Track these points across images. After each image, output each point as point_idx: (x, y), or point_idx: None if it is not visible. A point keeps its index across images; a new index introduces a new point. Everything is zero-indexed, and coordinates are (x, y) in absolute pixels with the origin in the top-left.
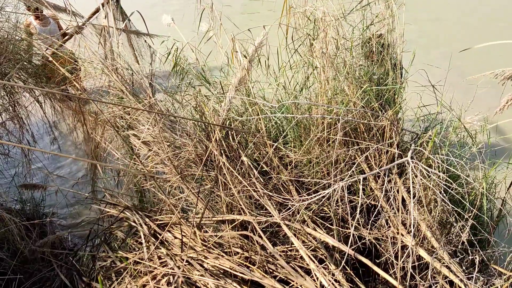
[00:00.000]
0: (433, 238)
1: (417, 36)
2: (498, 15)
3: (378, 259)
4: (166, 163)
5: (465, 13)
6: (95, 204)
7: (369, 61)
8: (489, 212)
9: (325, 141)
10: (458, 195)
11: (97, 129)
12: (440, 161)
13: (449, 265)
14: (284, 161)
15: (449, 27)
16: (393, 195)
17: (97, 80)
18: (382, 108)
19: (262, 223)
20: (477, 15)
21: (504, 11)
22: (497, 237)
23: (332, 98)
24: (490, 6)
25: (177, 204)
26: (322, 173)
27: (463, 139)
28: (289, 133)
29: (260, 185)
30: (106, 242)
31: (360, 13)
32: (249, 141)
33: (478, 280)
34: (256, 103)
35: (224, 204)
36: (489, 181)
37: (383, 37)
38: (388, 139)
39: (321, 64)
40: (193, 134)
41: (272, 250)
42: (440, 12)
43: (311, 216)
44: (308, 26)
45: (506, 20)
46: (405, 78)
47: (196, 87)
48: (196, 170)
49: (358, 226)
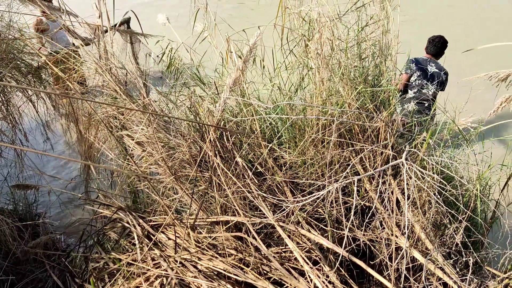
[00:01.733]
0: (427, 240)
1: (416, 38)
2: (495, 16)
3: (372, 261)
4: (160, 163)
5: (464, 14)
6: (88, 205)
7: (364, 62)
8: (483, 214)
9: (319, 142)
10: (452, 196)
11: (91, 129)
12: (435, 163)
13: (443, 266)
14: (279, 162)
15: (448, 28)
16: (387, 197)
17: (92, 80)
18: (377, 110)
19: (256, 225)
20: (475, 16)
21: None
22: (491, 239)
23: (327, 99)
24: (488, 7)
25: (171, 205)
26: (317, 174)
27: (457, 140)
28: (284, 134)
29: (255, 186)
30: (99, 243)
31: (356, 14)
32: (244, 142)
33: (472, 282)
34: (250, 104)
35: (218, 205)
36: (483, 182)
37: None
38: (382, 141)
39: (316, 65)
40: (188, 135)
41: (266, 252)
42: (438, 13)
43: (306, 218)
44: (303, 27)
45: (502, 21)
46: (400, 79)
47: (191, 87)
48: (190, 171)
49: (352, 227)
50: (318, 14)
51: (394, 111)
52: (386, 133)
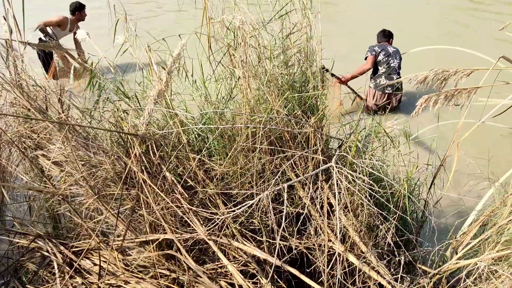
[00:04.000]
0: (361, 243)
1: (339, 45)
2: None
3: (310, 269)
4: (81, 183)
5: (390, 19)
6: (2, 235)
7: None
8: (414, 214)
9: (250, 151)
10: (384, 198)
11: (1, 152)
12: (364, 165)
13: (377, 268)
14: (210, 174)
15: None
16: (320, 202)
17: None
18: (305, 116)
19: (189, 241)
20: (402, 22)
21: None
22: (424, 237)
23: (254, 107)
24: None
25: (95, 227)
26: (250, 184)
27: (385, 143)
28: (214, 144)
29: (185, 201)
30: (17, 277)
31: (279, 22)
32: (171, 154)
33: (405, 280)
34: (176, 114)
35: (147, 223)
36: (411, 183)
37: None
38: (313, 146)
39: (242, 73)
40: (110, 151)
41: (195, 268)
42: (367, 20)
43: (240, 230)
44: (228, 36)
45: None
46: (326, 85)
47: (115, 102)
48: (115, 189)
49: (288, 236)
50: (241, 21)
51: (369, 87)
52: (316, 138)
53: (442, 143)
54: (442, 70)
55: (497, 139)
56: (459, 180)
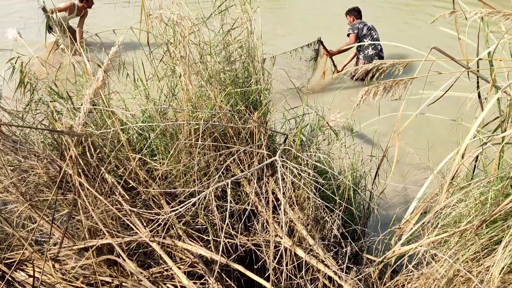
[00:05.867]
0: (309, 236)
1: (286, 41)
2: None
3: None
4: (11, 190)
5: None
6: None
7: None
8: (361, 205)
9: (194, 148)
10: (329, 190)
11: None
12: (308, 158)
13: (324, 260)
14: (153, 174)
15: (318, 30)
16: (265, 197)
17: None
18: (248, 111)
19: (131, 244)
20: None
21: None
22: (370, 228)
23: (196, 103)
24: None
25: (28, 236)
26: (195, 182)
27: (329, 136)
28: (154, 143)
29: (127, 203)
30: None
31: (219, 18)
32: (109, 155)
33: (352, 270)
34: (113, 113)
35: (85, 228)
36: (356, 174)
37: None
38: (257, 141)
39: (182, 69)
40: (42, 154)
41: (135, 272)
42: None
43: (186, 230)
44: (167, 32)
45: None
46: (268, 80)
47: (49, 103)
48: (50, 195)
49: (236, 233)
50: (180, 16)
51: (358, 58)
52: (260, 133)
53: (383, 137)
54: (381, 63)
55: (435, 129)
56: (403, 170)
